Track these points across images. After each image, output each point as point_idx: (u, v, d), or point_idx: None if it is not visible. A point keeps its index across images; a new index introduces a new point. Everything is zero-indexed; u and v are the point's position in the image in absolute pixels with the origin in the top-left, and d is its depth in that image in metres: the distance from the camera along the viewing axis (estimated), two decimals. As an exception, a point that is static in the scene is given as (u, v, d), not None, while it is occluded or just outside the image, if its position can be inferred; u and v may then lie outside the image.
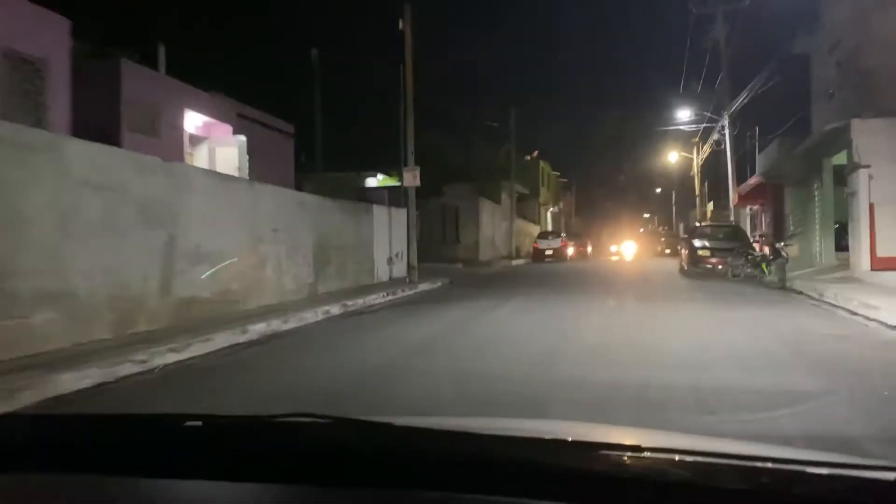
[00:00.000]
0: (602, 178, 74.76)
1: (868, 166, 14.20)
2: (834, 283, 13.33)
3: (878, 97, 14.88)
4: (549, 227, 52.07)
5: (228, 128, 18.35)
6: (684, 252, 20.32)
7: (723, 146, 28.77)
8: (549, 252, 34.83)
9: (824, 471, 1.05)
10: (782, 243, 16.52)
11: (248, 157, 18.00)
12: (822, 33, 18.37)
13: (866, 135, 14.25)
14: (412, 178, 17.75)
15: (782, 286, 14.75)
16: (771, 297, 13.08)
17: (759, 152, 26.41)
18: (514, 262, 31.62)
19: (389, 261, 18.85)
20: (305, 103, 29.17)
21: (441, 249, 30.03)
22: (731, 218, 26.82)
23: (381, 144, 33.82)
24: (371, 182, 32.52)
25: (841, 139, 15.14)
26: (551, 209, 53.18)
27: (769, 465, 1.11)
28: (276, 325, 8.95)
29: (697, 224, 22.53)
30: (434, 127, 31.45)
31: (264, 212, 11.16)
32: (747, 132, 28.38)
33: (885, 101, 14.65)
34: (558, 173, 55.12)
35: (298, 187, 19.80)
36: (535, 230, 41.12)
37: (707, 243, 19.08)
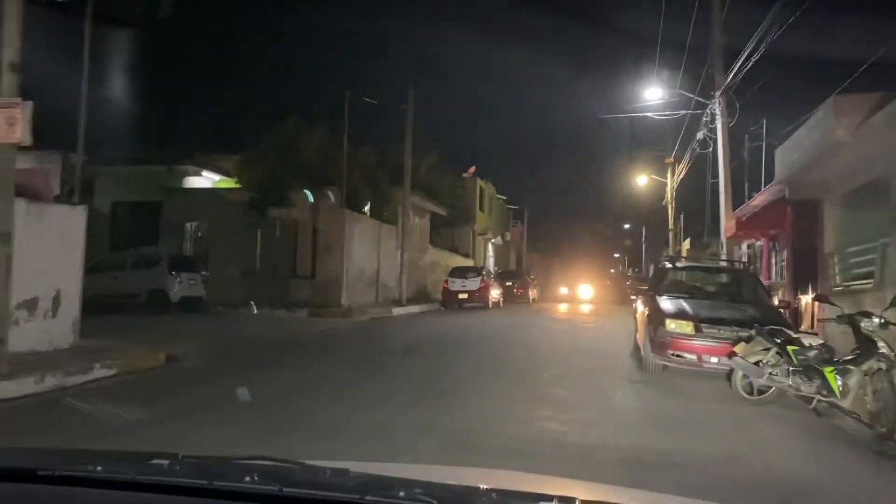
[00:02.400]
0: (563, 208, 65.05)
1: None
2: None
3: None
4: (490, 262, 42.05)
5: None
6: (642, 318, 10.31)
7: (710, 149, 18.96)
8: (463, 296, 24.70)
9: None
10: (878, 318, 6.51)
11: None
12: None
13: None
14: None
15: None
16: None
17: (768, 156, 16.47)
18: (402, 311, 21.38)
19: (32, 310, 8.81)
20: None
21: (286, 287, 19.76)
22: (723, 256, 16.92)
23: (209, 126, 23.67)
24: (195, 181, 22.15)
25: None
26: (492, 240, 43.22)
27: None
28: None
29: (669, 264, 11.86)
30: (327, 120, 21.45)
31: None
32: (749, 128, 18.59)
33: None
34: (503, 197, 45.29)
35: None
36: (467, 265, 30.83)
37: (688, 306, 9.08)
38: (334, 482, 1.44)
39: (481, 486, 1.48)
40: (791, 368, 6.78)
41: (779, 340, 7.02)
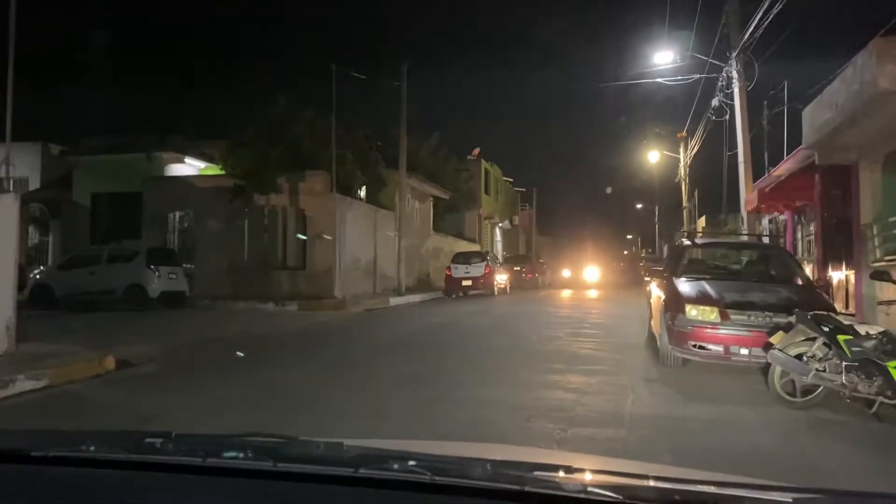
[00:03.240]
0: (572, 189, 63.23)
1: None
2: None
3: None
4: (499, 247, 40.74)
5: None
6: (657, 304, 8.98)
7: (726, 116, 17.48)
8: (466, 283, 23.43)
9: (735, 492, 1.20)
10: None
11: None
12: None
13: None
14: None
15: None
16: None
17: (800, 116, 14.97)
18: (401, 301, 20.11)
19: None
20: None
21: (276, 279, 18.60)
22: (744, 231, 15.46)
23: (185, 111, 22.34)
24: (179, 169, 20.97)
25: None
26: (500, 224, 41.81)
27: (683, 486, 1.21)
28: None
29: (686, 241, 10.44)
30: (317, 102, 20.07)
31: None
32: (770, 92, 17.07)
33: None
34: (511, 180, 43.81)
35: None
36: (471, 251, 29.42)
37: (711, 289, 7.73)
38: (328, 456, 1.44)
39: (476, 458, 1.45)
40: (844, 363, 5.45)
41: (827, 328, 5.68)
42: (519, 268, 31.78)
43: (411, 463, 1.29)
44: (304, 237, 18.93)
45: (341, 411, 6.06)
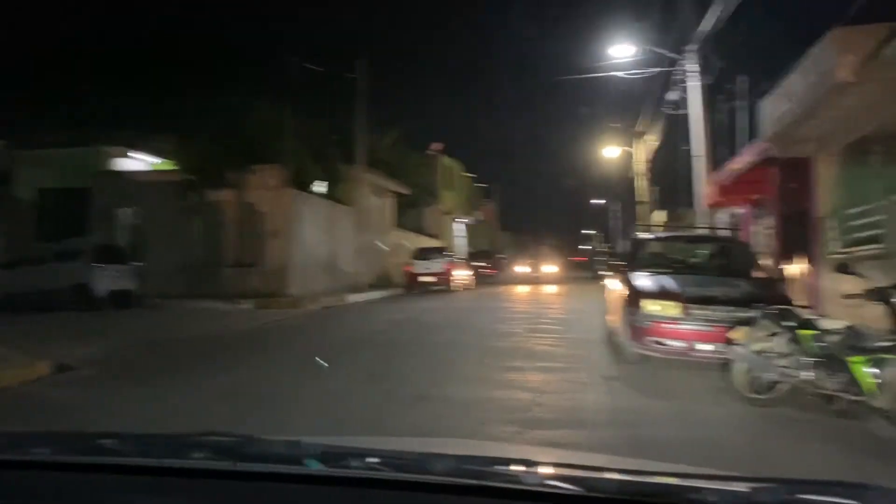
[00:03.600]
0: (534, 185, 63.31)
1: None
2: None
3: None
4: (462, 243, 40.54)
5: None
6: (615, 299, 8.79)
7: (682, 110, 17.44)
8: (427, 279, 23.11)
9: (695, 483, 1.15)
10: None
11: None
12: None
13: None
14: None
15: None
16: None
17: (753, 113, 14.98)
18: (360, 298, 19.72)
19: None
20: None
21: (230, 276, 18.08)
22: (702, 225, 15.49)
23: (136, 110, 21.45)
24: (128, 164, 20.24)
25: None
26: (462, 220, 41.61)
27: (643, 478, 1.23)
28: None
29: (642, 235, 10.55)
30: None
31: None
32: (726, 86, 17.09)
33: None
34: (473, 175, 43.63)
35: None
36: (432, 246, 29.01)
37: (670, 283, 7.57)
38: (289, 454, 1.40)
39: (438, 453, 1.44)
40: (808, 359, 5.30)
41: (790, 324, 5.53)
42: (481, 263, 31.62)
43: (372, 460, 1.28)
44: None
45: (292, 412, 5.73)
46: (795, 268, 12.64)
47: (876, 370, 4.87)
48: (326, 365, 7.70)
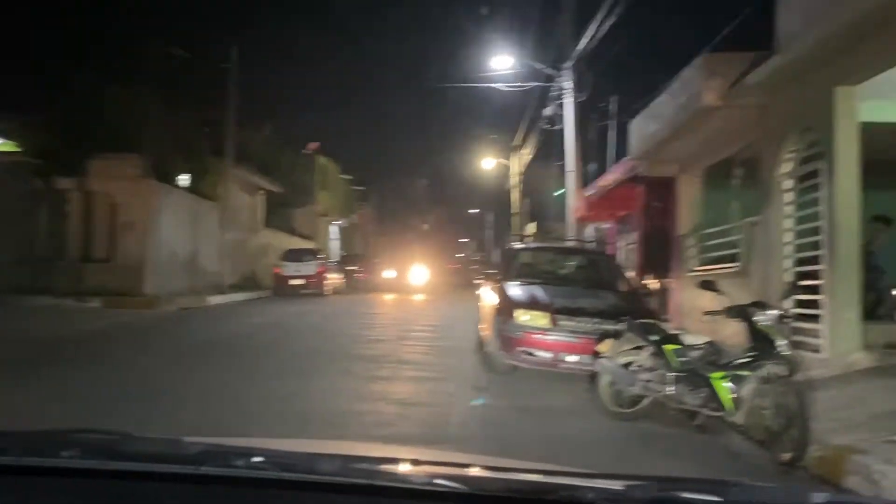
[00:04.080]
0: (412, 191, 63.32)
1: None
2: None
3: None
4: (336, 245, 39.75)
5: None
6: (487, 309, 8.65)
7: (555, 125, 17.82)
8: (297, 282, 22.29)
9: (571, 481, 1.20)
10: (777, 310, 5.22)
11: None
12: None
13: None
14: None
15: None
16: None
17: (622, 131, 15.53)
18: (222, 300, 18.65)
19: None
20: None
21: (78, 272, 16.56)
22: (571, 238, 15.84)
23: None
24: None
25: None
26: (337, 222, 40.81)
27: (529, 476, 1.30)
28: None
29: (517, 245, 10.74)
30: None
31: None
32: (599, 104, 17.66)
33: None
34: (350, 177, 42.92)
35: None
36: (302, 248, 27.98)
37: (541, 293, 7.52)
38: (168, 453, 1.32)
39: (324, 453, 1.40)
40: (671, 374, 5.32)
41: (654, 338, 5.55)
42: (354, 267, 31.06)
43: (257, 459, 1.24)
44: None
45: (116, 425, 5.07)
46: (657, 283, 13.14)
47: (733, 385, 4.94)
48: None
